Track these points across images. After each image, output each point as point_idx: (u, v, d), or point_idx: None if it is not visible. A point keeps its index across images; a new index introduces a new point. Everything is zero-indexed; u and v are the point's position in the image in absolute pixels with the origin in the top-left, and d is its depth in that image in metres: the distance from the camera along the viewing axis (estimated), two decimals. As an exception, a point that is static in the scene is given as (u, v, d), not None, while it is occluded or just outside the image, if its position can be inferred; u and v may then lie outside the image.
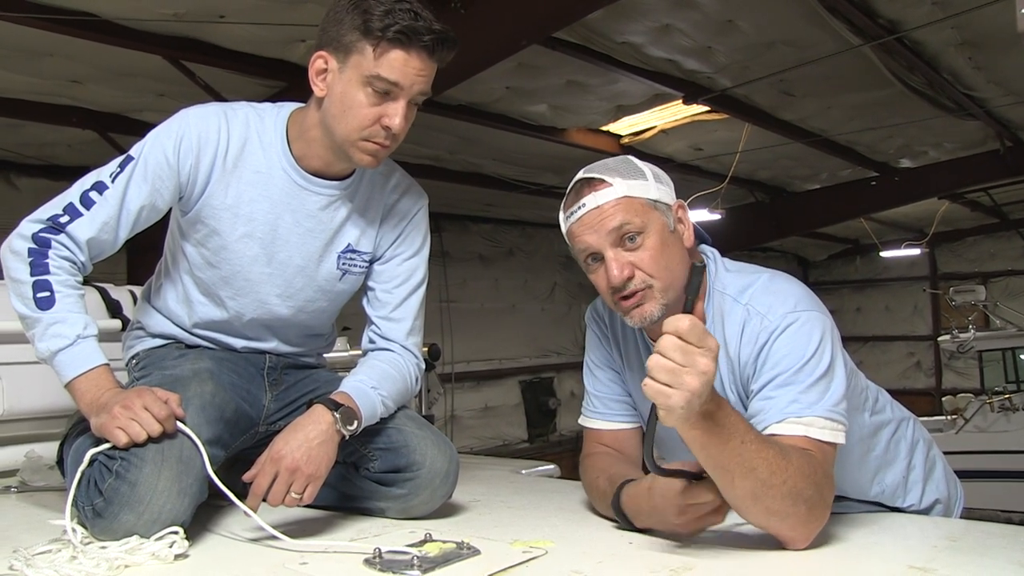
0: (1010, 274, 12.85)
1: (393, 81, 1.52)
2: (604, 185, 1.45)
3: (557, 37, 4.66)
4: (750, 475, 1.22)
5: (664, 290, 1.44)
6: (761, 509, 1.26)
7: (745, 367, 1.44)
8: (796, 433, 1.32)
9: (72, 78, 4.66)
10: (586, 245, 1.46)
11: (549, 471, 2.91)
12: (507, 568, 1.26)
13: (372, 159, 1.60)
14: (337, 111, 1.57)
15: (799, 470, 1.24)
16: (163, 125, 1.64)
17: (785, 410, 1.34)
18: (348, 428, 1.53)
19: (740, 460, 1.22)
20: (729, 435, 1.21)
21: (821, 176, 8.94)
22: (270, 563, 1.33)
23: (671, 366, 1.13)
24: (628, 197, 1.44)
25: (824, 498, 1.29)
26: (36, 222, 1.56)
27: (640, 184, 1.46)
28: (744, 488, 1.24)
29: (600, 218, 1.43)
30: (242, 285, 1.72)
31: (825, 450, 1.33)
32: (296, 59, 4.57)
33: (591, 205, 1.44)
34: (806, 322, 1.40)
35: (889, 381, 11.95)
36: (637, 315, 1.45)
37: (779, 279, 1.50)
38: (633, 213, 1.43)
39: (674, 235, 1.48)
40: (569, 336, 10.63)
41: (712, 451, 1.22)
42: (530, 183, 7.74)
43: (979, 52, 5.31)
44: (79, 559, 1.27)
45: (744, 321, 1.45)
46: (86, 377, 1.49)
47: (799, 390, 1.35)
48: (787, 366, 1.37)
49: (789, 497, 1.24)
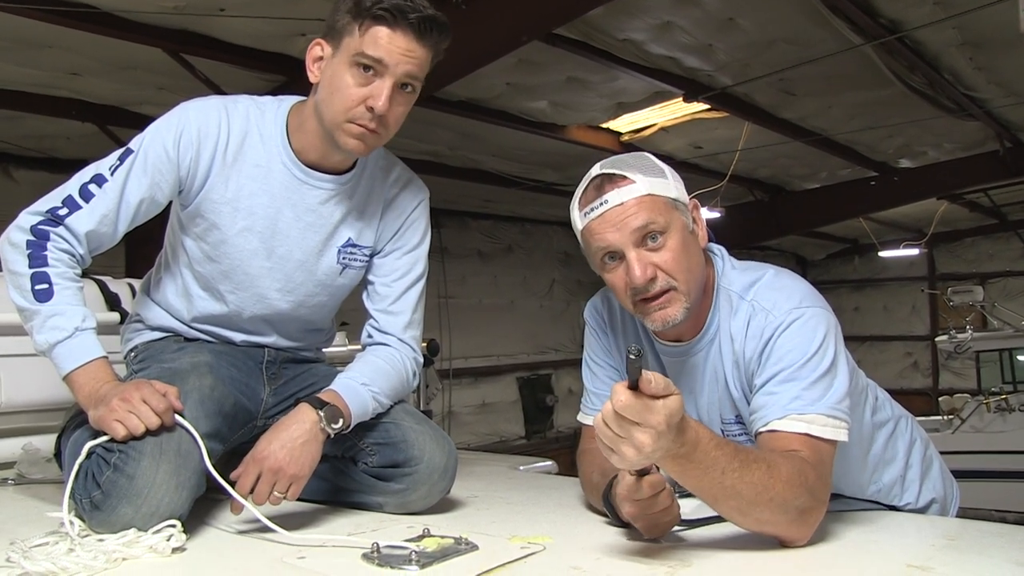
0: (1008, 275, 12.87)
1: (377, 58, 1.51)
2: (627, 182, 1.41)
3: (558, 33, 4.65)
4: (733, 499, 1.23)
5: (687, 292, 1.43)
6: (750, 521, 1.27)
7: (750, 363, 1.44)
8: (797, 430, 1.32)
9: (71, 70, 4.65)
10: (607, 243, 1.42)
11: (547, 467, 2.91)
12: (505, 563, 1.26)
13: (359, 143, 1.58)
14: (326, 94, 1.57)
15: (787, 482, 1.24)
16: (163, 118, 1.64)
17: (787, 406, 1.34)
18: (333, 427, 1.53)
19: (722, 488, 1.21)
20: (707, 468, 1.20)
21: (820, 175, 8.93)
22: (268, 557, 1.33)
23: (611, 435, 1.13)
24: (651, 195, 1.41)
25: (818, 498, 1.29)
26: (35, 214, 1.56)
27: (662, 182, 1.44)
28: (727, 507, 1.25)
29: (623, 216, 1.40)
30: (242, 279, 1.71)
31: (824, 448, 1.33)
32: (297, 53, 4.56)
33: (614, 202, 1.40)
34: (810, 318, 1.40)
35: (886, 381, 11.92)
36: (659, 318, 1.43)
37: (784, 275, 1.50)
38: (657, 212, 1.40)
39: (692, 235, 1.47)
40: (567, 333, 10.63)
41: (691, 482, 1.22)
42: (530, 180, 7.73)
43: (980, 52, 5.31)
44: (76, 552, 1.27)
45: (749, 317, 1.45)
46: (84, 370, 1.49)
47: (802, 387, 1.35)
48: (791, 361, 1.37)
49: (779, 508, 1.24)
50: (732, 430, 1.53)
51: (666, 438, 1.12)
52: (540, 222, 10.35)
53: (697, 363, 1.54)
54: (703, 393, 1.55)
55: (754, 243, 11.50)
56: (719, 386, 1.52)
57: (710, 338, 1.52)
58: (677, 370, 1.57)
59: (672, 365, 1.58)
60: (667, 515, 1.32)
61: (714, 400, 1.54)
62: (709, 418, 1.56)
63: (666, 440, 1.12)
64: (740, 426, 1.52)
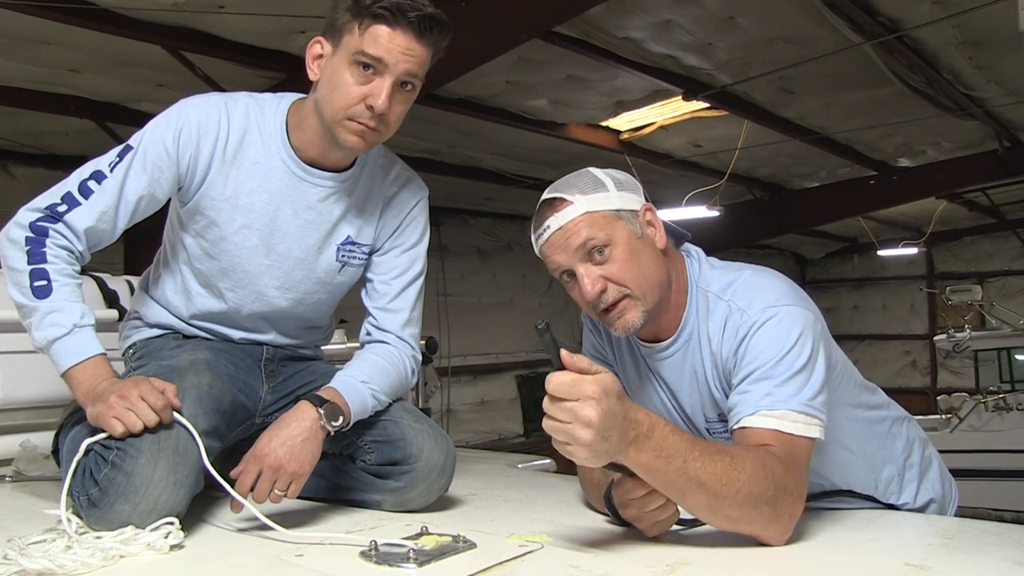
0: (1007, 274, 12.88)
1: (376, 57, 1.51)
2: (565, 204, 1.45)
3: (557, 32, 4.65)
4: (699, 490, 1.23)
5: (642, 297, 1.46)
6: (721, 518, 1.27)
7: (727, 362, 1.45)
8: (767, 426, 1.33)
9: (71, 67, 4.64)
10: (557, 264, 1.48)
11: (545, 465, 2.92)
12: (503, 561, 1.26)
13: (359, 140, 1.58)
14: (325, 91, 1.57)
15: (753, 476, 1.24)
16: (162, 115, 1.64)
17: (758, 403, 1.35)
18: (333, 424, 1.53)
19: (686, 479, 1.22)
20: (670, 457, 1.21)
21: (820, 174, 8.94)
22: (266, 555, 1.33)
23: (559, 427, 1.15)
24: (589, 213, 1.45)
25: (791, 493, 1.28)
26: (34, 211, 1.56)
27: (601, 196, 1.46)
28: (696, 502, 1.25)
29: (565, 237, 1.45)
30: (241, 277, 1.71)
31: (797, 443, 1.33)
32: (296, 50, 4.56)
33: (555, 226, 1.45)
34: (785, 316, 1.41)
35: (885, 380, 11.97)
36: (620, 325, 1.47)
37: (762, 274, 1.51)
38: (596, 228, 1.44)
39: (643, 240, 1.48)
40: (566, 331, 10.62)
41: (655, 475, 1.23)
42: (529, 178, 7.73)
43: (979, 51, 5.31)
44: (74, 549, 1.26)
45: (726, 317, 1.46)
46: (82, 366, 1.49)
47: (775, 384, 1.36)
48: (765, 359, 1.38)
49: (748, 503, 1.24)
50: (717, 428, 1.54)
51: (608, 405, 1.13)
52: (539, 220, 10.34)
53: (676, 362, 1.56)
54: (685, 392, 1.57)
55: (753, 242, 11.51)
56: (699, 385, 1.53)
57: (686, 337, 1.53)
58: (658, 370, 1.59)
59: (654, 366, 1.60)
60: (665, 512, 1.33)
61: (696, 399, 1.55)
62: (693, 417, 1.57)
63: (609, 407, 1.13)
64: (724, 424, 1.52)
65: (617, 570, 1.23)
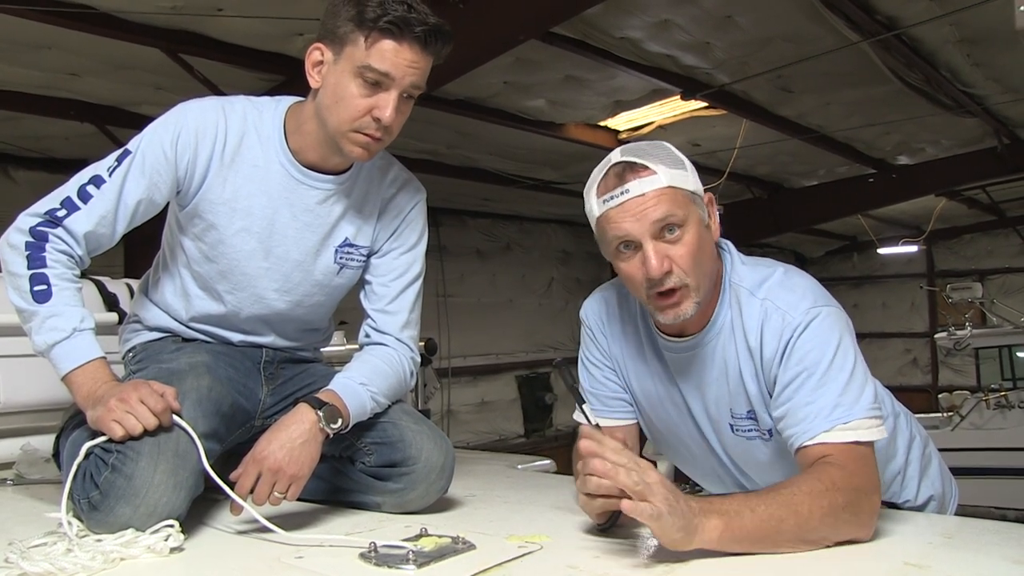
0: (1007, 271, 12.87)
1: (384, 72, 1.51)
2: (648, 172, 1.39)
3: (555, 32, 4.65)
4: (784, 529, 1.24)
5: (697, 288, 1.43)
6: (816, 540, 1.28)
7: (770, 364, 1.44)
8: (846, 440, 1.34)
9: (70, 71, 4.65)
10: (624, 232, 1.40)
11: (545, 466, 2.92)
12: (502, 563, 1.26)
13: (364, 151, 1.59)
14: (329, 102, 1.57)
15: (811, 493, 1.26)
16: (160, 119, 1.64)
17: (831, 417, 1.35)
18: (332, 427, 1.53)
19: (765, 526, 1.23)
20: (738, 514, 1.22)
21: (819, 172, 8.93)
22: (266, 557, 1.33)
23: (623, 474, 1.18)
24: (672, 187, 1.40)
25: (863, 491, 1.31)
26: (33, 216, 1.56)
27: (682, 175, 1.42)
28: (788, 540, 1.26)
29: (643, 206, 1.38)
30: (239, 279, 1.71)
31: (864, 451, 1.35)
32: (294, 53, 4.56)
33: (635, 192, 1.38)
34: (827, 317, 1.41)
35: (886, 378, 11.86)
36: (672, 313, 1.43)
37: (793, 274, 1.51)
38: (676, 205, 1.39)
39: (707, 230, 1.47)
40: (566, 331, 10.63)
41: (743, 540, 1.23)
42: (528, 178, 7.73)
43: (977, 49, 5.31)
44: (75, 552, 1.27)
45: (763, 318, 1.45)
46: (82, 370, 1.49)
47: (837, 392, 1.36)
48: (813, 361, 1.38)
49: (828, 517, 1.26)
50: (742, 425, 1.53)
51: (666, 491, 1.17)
52: (538, 220, 10.35)
53: (704, 356, 1.53)
54: (711, 386, 1.54)
55: (753, 241, 11.49)
56: (729, 379, 1.51)
57: (717, 331, 1.51)
58: (682, 366, 1.57)
59: (676, 361, 1.57)
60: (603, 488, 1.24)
61: (723, 393, 1.53)
62: (718, 413, 1.55)
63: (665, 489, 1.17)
64: (751, 421, 1.51)
65: (616, 571, 1.23)
